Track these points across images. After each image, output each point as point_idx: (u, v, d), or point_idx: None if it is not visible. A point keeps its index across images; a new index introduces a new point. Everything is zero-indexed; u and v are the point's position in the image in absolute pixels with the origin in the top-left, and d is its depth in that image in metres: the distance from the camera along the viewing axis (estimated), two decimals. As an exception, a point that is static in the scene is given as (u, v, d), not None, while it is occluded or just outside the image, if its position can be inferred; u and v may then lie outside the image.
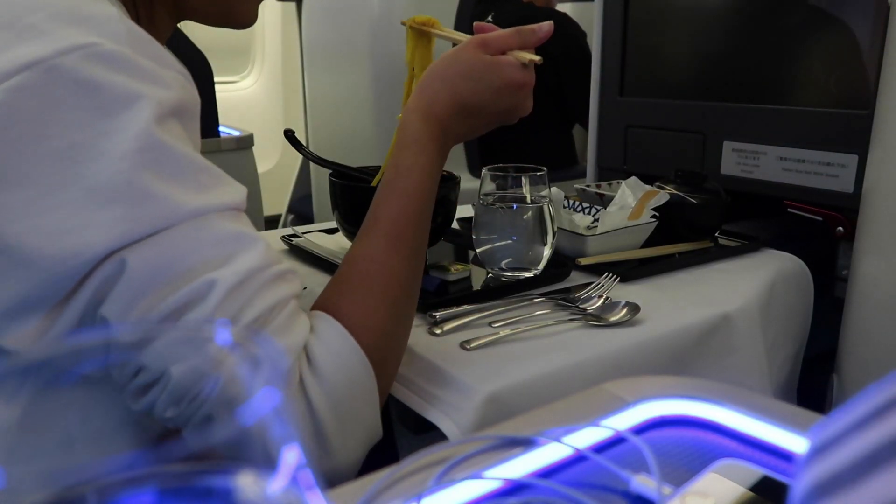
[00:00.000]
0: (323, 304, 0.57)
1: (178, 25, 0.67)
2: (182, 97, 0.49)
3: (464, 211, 0.99)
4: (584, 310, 0.72)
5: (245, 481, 0.19)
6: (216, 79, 1.59)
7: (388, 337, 0.58)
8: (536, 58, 0.66)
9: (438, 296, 0.77)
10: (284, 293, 0.51)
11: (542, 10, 2.02)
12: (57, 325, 0.46)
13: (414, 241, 0.62)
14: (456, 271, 0.81)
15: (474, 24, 0.73)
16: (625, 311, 0.71)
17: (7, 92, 0.43)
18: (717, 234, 0.99)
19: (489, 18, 1.96)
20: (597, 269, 0.83)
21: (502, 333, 0.67)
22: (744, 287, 0.82)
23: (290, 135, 0.85)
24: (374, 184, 0.80)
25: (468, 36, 0.72)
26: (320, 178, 2.09)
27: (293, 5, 3.10)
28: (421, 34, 0.75)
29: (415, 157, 0.64)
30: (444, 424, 0.59)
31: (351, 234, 0.87)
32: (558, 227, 0.82)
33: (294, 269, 0.54)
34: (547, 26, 0.68)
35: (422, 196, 0.63)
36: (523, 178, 0.79)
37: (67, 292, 0.45)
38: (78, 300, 0.45)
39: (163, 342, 0.45)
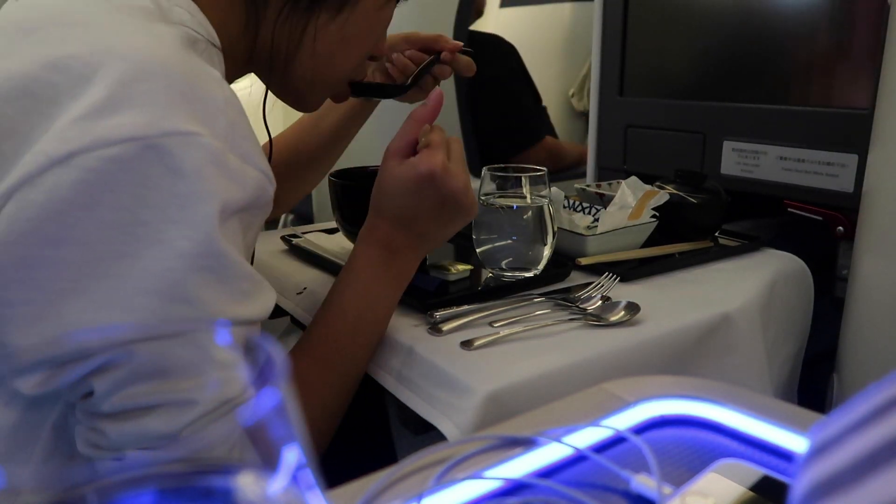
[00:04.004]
0: None
1: None
2: (255, 196, 0.51)
3: (464, 211, 0.99)
4: (584, 310, 0.72)
5: (245, 481, 0.19)
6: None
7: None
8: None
9: (438, 296, 0.77)
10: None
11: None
12: (56, 380, 0.46)
13: (342, 366, 0.64)
14: (456, 271, 0.81)
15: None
16: (625, 311, 0.71)
17: (103, 160, 0.44)
18: (717, 234, 0.99)
19: None
20: (597, 269, 0.83)
21: (502, 333, 0.67)
22: (744, 287, 0.82)
23: None
24: None
25: None
26: (320, 179, 2.09)
27: (293, 5, 3.10)
28: None
29: (348, 282, 0.66)
30: (444, 424, 0.59)
31: (351, 234, 0.87)
32: (558, 227, 0.82)
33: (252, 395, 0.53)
34: (435, 95, 0.69)
35: (350, 320, 0.65)
36: (523, 178, 0.78)
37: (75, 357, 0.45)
38: (80, 367, 0.45)
39: (136, 430, 0.45)
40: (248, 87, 0.73)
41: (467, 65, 0.88)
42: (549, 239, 0.79)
